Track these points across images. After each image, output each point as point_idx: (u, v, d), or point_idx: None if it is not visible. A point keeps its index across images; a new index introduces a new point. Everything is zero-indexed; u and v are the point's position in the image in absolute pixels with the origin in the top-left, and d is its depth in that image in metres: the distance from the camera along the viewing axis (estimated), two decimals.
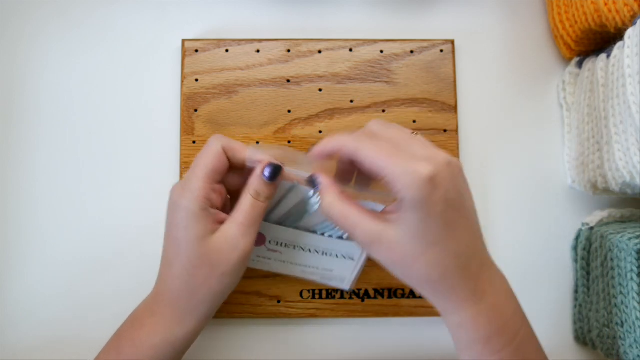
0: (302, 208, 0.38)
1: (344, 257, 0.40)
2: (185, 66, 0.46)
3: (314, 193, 0.36)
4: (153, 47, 0.48)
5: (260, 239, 0.39)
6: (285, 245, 0.40)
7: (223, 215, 0.36)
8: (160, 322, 0.36)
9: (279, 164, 0.36)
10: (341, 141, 0.34)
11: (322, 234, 0.39)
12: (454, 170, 0.33)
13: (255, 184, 0.36)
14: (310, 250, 0.40)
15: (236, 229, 0.35)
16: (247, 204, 0.36)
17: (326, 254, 0.40)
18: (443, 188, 0.32)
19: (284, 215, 0.39)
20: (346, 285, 0.42)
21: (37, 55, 0.47)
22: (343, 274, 0.42)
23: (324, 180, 0.35)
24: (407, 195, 0.31)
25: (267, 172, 0.35)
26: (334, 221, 0.35)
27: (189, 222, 0.35)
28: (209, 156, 0.35)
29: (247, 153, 0.36)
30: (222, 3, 0.48)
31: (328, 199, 0.35)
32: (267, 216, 0.38)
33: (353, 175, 0.37)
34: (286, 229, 0.39)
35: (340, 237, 0.39)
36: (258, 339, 0.46)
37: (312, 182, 0.36)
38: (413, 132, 0.35)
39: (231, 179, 0.37)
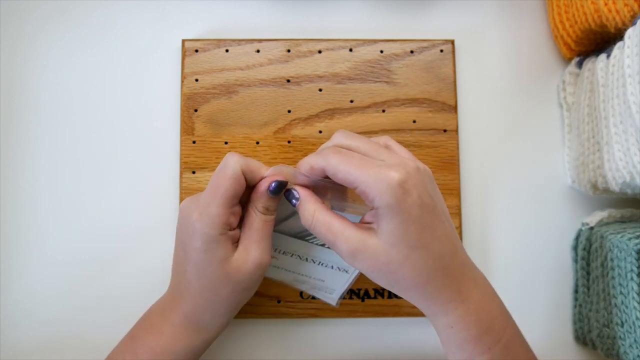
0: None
1: (339, 269, 0.41)
2: (185, 66, 0.46)
3: (294, 206, 0.36)
4: (153, 47, 0.48)
5: None
6: (283, 253, 0.40)
7: (239, 233, 0.37)
8: (181, 332, 0.37)
9: (284, 179, 0.36)
10: (309, 162, 0.35)
11: (322, 245, 0.39)
12: (424, 175, 0.34)
13: (264, 200, 0.36)
14: (306, 259, 0.40)
15: (256, 248, 0.36)
16: (260, 221, 0.36)
17: (322, 264, 0.41)
18: (415, 191, 0.32)
19: (285, 224, 0.39)
20: (333, 300, 0.43)
21: (37, 55, 0.47)
22: (334, 286, 0.42)
23: (303, 192, 0.36)
24: (382, 202, 0.32)
25: (272, 188, 0.35)
26: (316, 231, 0.35)
27: (209, 247, 0.35)
28: (229, 180, 0.35)
29: (267, 172, 0.36)
30: (222, 3, 0.48)
31: (310, 209, 0.35)
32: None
33: (327, 189, 0.37)
34: (288, 238, 0.39)
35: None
36: (258, 339, 0.46)
37: (289, 196, 0.36)
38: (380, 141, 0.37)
39: (244, 196, 0.37)
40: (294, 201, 0.36)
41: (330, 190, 0.37)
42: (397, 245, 0.33)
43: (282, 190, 0.36)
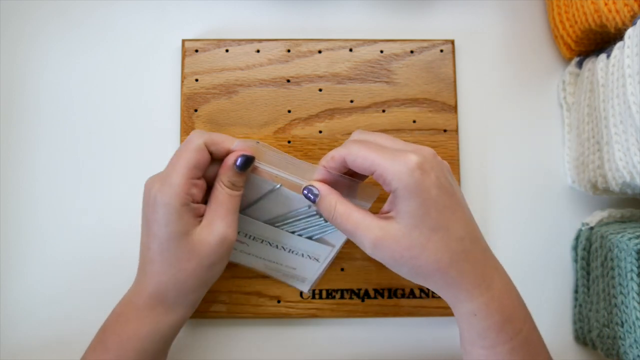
0: (278, 205, 0.38)
1: (309, 258, 0.41)
2: (185, 66, 0.46)
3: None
4: (153, 47, 0.48)
5: None
6: (253, 238, 0.40)
7: (203, 207, 0.36)
8: (147, 315, 0.36)
9: (251, 155, 0.36)
10: (330, 153, 0.36)
11: (293, 232, 0.40)
12: (442, 162, 0.34)
13: (230, 174, 0.36)
14: (277, 246, 0.41)
15: (220, 221, 0.35)
16: (225, 195, 0.36)
17: (292, 251, 0.41)
18: (433, 173, 0.33)
19: (257, 209, 0.39)
20: (306, 287, 0.43)
21: (37, 55, 0.47)
22: (305, 274, 0.42)
23: (322, 187, 0.36)
24: (400, 184, 0.32)
25: (239, 163, 0.36)
26: (336, 222, 0.35)
27: (171, 219, 0.34)
28: (191, 152, 0.35)
29: (235, 145, 0.36)
30: (222, 3, 0.48)
31: (331, 201, 0.35)
32: (242, 209, 0.39)
33: (339, 185, 0.37)
34: (257, 222, 0.39)
35: (310, 238, 0.40)
36: (258, 339, 0.46)
37: (308, 194, 0.36)
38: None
39: (211, 171, 0.37)
40: (312, 197, 0.36)
41: (343, 186, 0.37)
42: (418, 227, 0.33)
43: (249, 165, 0.36)
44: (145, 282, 0.36)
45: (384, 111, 0.46)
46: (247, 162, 0.36)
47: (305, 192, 0.36)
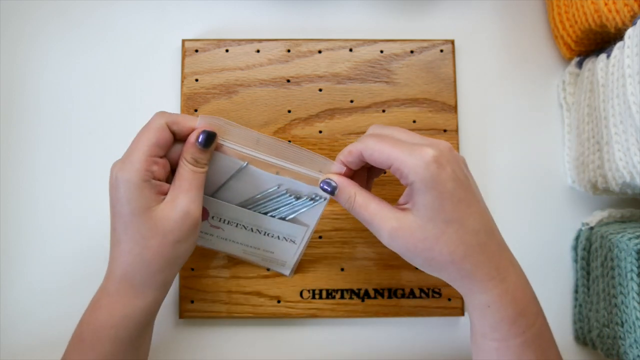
0: (247, 186, 0.39)
1: (286, 240, 0.41)
2: (185, 66, 0.46)
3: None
4: (153, 47, 0.48)
5: (203, 214, 0.39)
6: (228, 222, 0.41)
7: (167, 186, 0.36)
8: (117, 300, 0.36)
9: (213, 131, 0.36)
10: (347, 147, 0.36)
11: (265, 214, 0.40)
12: (458, 156, 0.35)
13: (192, 151, 0.36)
14: (252, 230, 0.41)
15: (183, 196, 0.35)
16: (188, 172, 0.36)
17: (268, 234, 0.41)
18: (450, 167, 0.33)
19: (227, 191, 0.39)
20: (287, 270, 0.43)
21: (37, 55, 0.47)
22: (284, 257, 0.43)
23: (339, 179, 0.36)
24: (417, 177, 0.32)
25: (201, 139, 0.36)
26: (354, 212, 0.36)
27: (132, 195, 0.34)
28: (151, 131, 0.35)
29: (198, 122, 0.36)
30: (222, 3, 0.48)
31: (350, 192, 0.36)
32: (212, 192, 0.39)
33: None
34: (229, 205, 0.40)
35: (283, 219, 0.40)
36: (258, 339, 0.46)
37: (325, 186, 0.36)
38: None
39: (175, 151, 0.37)
40: (329, 189, 0.36)
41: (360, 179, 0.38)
42: (433, 220, 0.33)
43: (211, 141, 0.36)
44: (114, 265, 0.36)
45: (384, 111, 0.46)
46: (209, 139, 0.36)
47: (323, 185, 0.36)
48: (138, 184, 0.34)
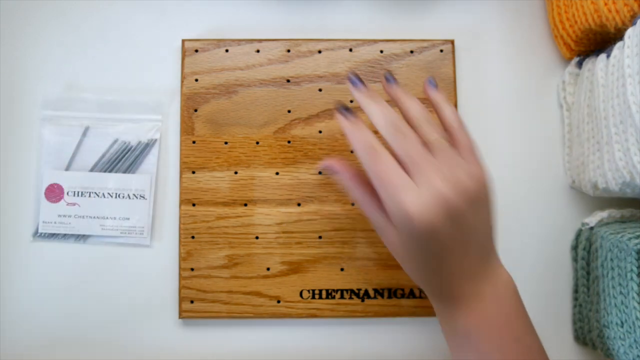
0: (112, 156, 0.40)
1: (136, 197, 0.42)
2: (185, 66, 0.46)
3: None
4: (153, 47, 0.48)
5: (59, 192, 0.40)
6: (82, 195, 0.41)
7: None
8: None
9: None
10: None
11: (110, 171, 0.41)
12: (459, 200, 0.32)
13: None
14: (104, 195, 0.42)
15: None
16: None
17: (119, 195, 0.42)
18: (430, 227, 0.31)
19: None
20: (145, 238, 0.43)
21: (37, 55, 0.47)
22: (141, 221, 0.43)
23: (338, 167, 0.38)
24: (396, 225, 0.34)
25: None
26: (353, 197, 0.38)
27: None
28: None
29: None
30: (222, 3, 0.48)
31: (345, 184, 0.38)
32: (72, 165, 0.40)
33: None
34: (84, 172, 0.41)
35: (125, 172, 0.42)
36: (258, 339, 0.46)
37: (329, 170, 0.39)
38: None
39: None
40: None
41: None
42: (404, 251, 0.35)
43: None
44: None
45: None
46: None
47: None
48: None
